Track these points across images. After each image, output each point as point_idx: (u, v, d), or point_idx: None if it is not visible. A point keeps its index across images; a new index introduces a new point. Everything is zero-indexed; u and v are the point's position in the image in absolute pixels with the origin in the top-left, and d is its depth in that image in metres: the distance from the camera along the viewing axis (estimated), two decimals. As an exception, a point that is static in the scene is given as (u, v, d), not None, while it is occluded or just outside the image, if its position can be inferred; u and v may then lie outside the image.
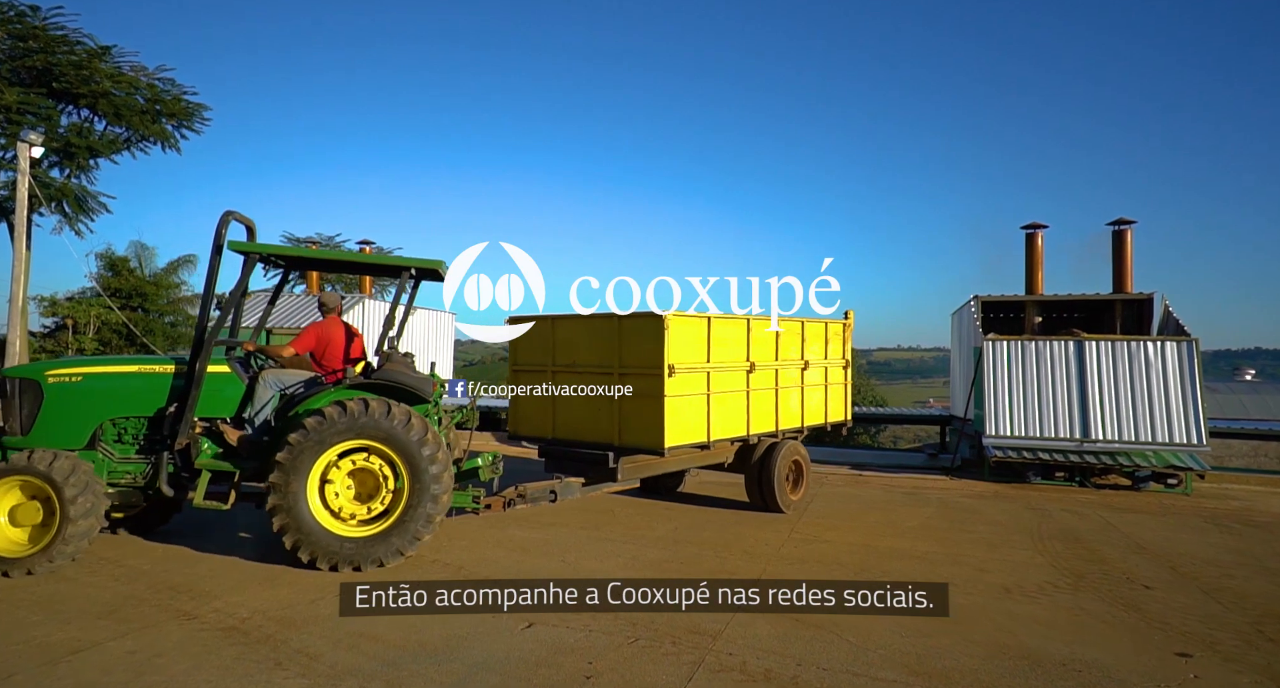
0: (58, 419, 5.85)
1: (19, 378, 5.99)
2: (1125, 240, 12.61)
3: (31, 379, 5.94)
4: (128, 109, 16.67)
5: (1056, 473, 10.89)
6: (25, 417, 5.86)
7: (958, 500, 9.67)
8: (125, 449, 5.99)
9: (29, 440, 5.82)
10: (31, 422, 5.86)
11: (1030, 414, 10.92)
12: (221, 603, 5.05)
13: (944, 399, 58.11)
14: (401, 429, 5.68)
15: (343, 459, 5.75)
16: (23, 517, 5.48)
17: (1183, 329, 11.10)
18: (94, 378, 5.95)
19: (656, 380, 7.07)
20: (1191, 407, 10.52)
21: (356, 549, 5.63)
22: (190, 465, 5.92)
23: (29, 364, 6.50)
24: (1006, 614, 5.10)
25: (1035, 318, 12.90)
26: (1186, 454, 10.48)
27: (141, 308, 22.73)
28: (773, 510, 8.33)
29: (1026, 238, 13.28)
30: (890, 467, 12.60)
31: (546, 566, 5.93)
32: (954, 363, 14.88)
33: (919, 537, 7.48)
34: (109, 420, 5.94)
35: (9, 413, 5.94)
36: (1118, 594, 5.61)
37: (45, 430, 5.84)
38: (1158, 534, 7.88)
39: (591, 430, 7.55)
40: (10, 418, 5.92)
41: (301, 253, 6.69)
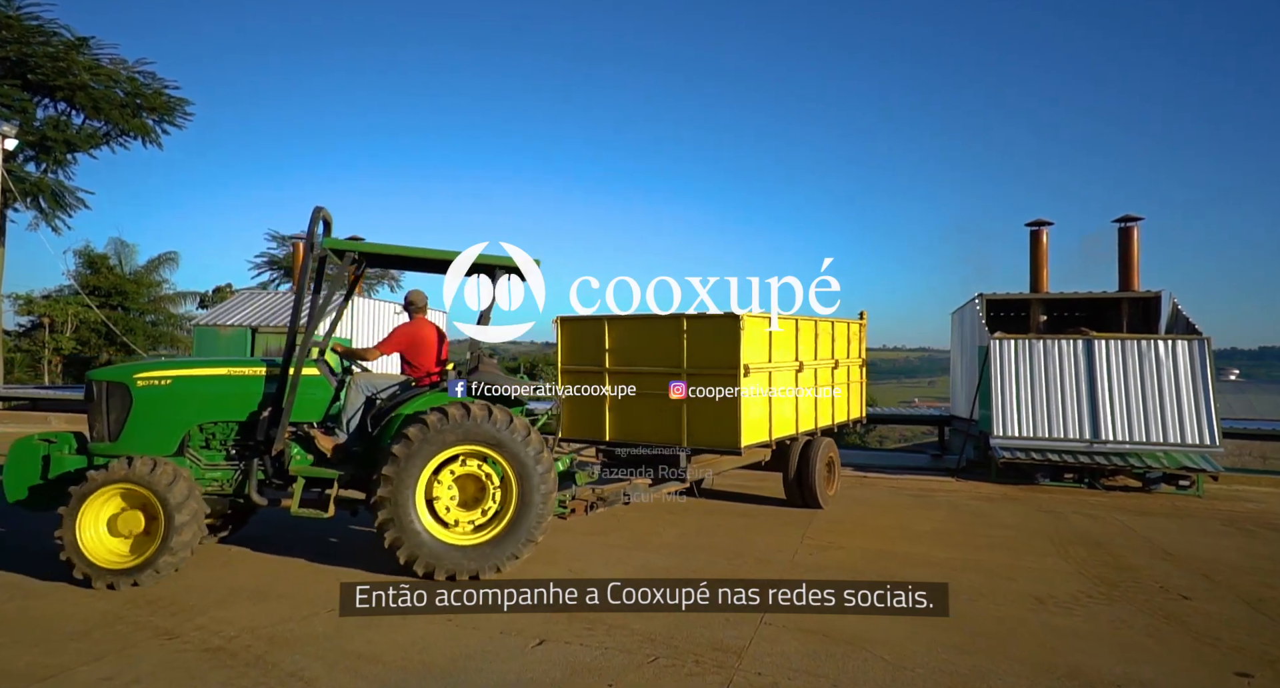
0: (147, 424, 5.60)
1: (106, 381, 5.71)
2: (1132, 237, 12.42)
3: (120, 383, 5.68)
4: (106, 102, 16.19)
5: (1066, 475, 10.65)
6: (113, 422, 5.62)
7: (967, 503, 9.42)
8: (213, 455, 5.77)
9: (118, 447, 5.58)
10: (120, 427, 5.61)
11: (1039, 415, 10.68)
12: (206, 620, 4.67)
13: (928, 399, 58.16)
14: (509, 434, 5.54)
15: (442, 467, 5.56)
16: (124, 526, 5.24)
17: (1193, 328, 10.90)
18: (184, 381, 5.71)
19: (731, 380, 7.27)
20: (1204, 406, 10.31)
21: (472, 557, 5.47)
22: (282, 472, 5.70)
23: (116, 367, 6.17)
24: (1045, 628, 4.81)
25: (1040, 316, 12.68)
26: (1198, 455, 10.27)
27: (122, 306, 22.16)
28: (811, 506, 8.52)
29: (1031, 235, 13.07)
30: (893, 468, 12.35)
31: (553, 574, 5.60)
32: (955, 363, 14.65)
33: (935, 542, 7.21)
34: (197, 425, 5.72)
35: (96, 418, 5.69)
36: (1156, 605, 5.34)
37: (134, 436, 5.58)
38: (1180, 539, 7.64)
39: (654, 432, 7.60)
40: (97, 423, 5.68)
41: (394, 250, 6.06)
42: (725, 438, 7.33)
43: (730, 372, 7.26)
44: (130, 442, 5.58)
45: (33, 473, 5.56)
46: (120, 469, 5.22)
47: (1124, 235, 12.49)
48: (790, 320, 8.21)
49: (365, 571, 5.65)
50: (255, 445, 5.65)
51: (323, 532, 6.82)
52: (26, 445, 5.64)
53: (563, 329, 8.21)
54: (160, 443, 5.60)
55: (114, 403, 5.63)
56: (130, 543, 5.27)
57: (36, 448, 5.62)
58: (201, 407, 5.69)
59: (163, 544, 5.13)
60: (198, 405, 5.68)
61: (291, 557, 6.12)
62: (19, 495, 5.60)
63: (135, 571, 5.12)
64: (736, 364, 7.23)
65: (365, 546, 6.40)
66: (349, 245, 5.76)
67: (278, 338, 15.45)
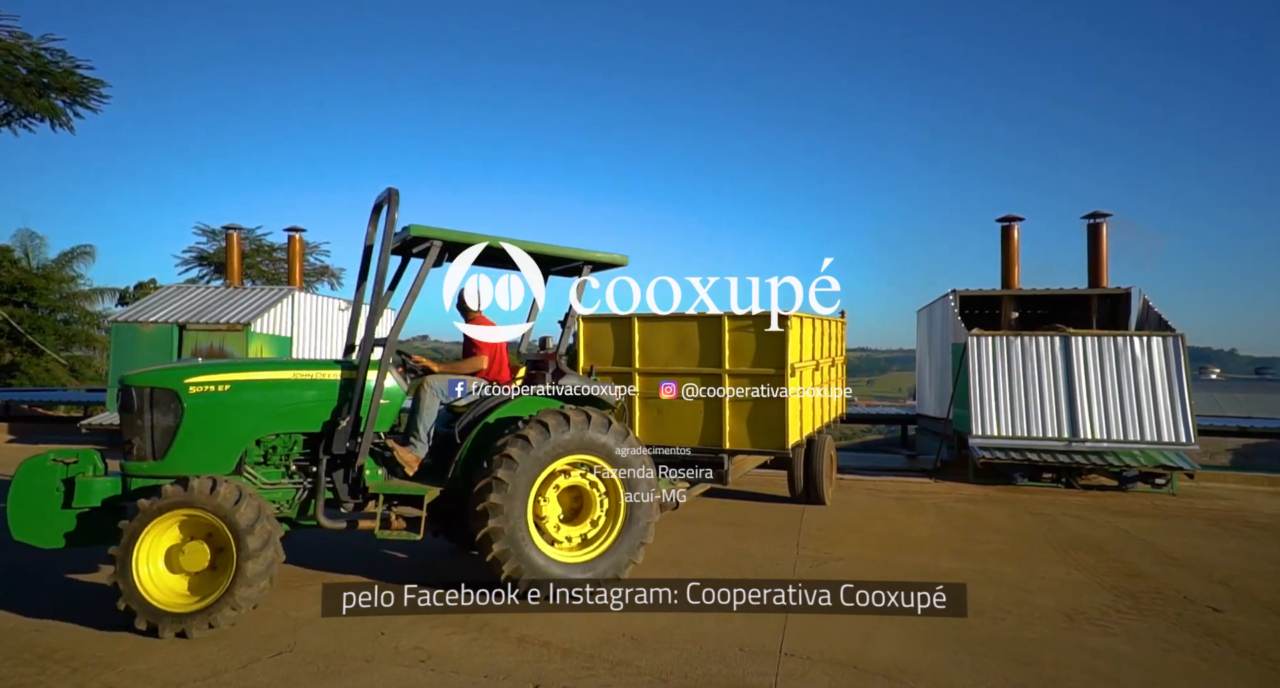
0: (202, 439, 4.69)
1: (150, 387, 4.71)
2: (1101, 234, 12.34)
3: (168, 389, 4.70)
4: (6, 80, 14.74)
5: (1044, 475, 10.44)
6: (158, 436, 4.67)
7: (953, 506, 9.07)
8: (272, 473, 4.93)
9: (164, 466, 4.64)
10: (167, 442, 4.67)
11: (1018, 414, 10.44)
12: (116, 677, 3.85)
13: (867, 398, 58.66)
14: (617, 439, 5.21)
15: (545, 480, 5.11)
16: (186, 562, 4.39)
17: (1166, 324, 10.82)
18: (245, 387, 4.81)
19: (779, 381, 7.31)
20: (1179, 404, 10.21)
21: (581, 573, 5.04)
22: (357, 490, 4.97)
23: (158, 369, 5.01)
24: (1088, 652, 4.36)
25: (1012, 313, 12.52)
26: (1174, 453, 10.15)
27: (28, 303, 20.42)
28: (815, 503, 8.63)
29: (1002, 231, 12.90)
30: (868, 469, 11.99)
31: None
32: (922, 361, 14.44)
33: (935, 550, 6.79)
34: (256, 439, 4.88)
35: (134, 431, 4.70)
36: (1189, 619, 4.98)
37: (185, 453, 4.66)
38: (1176, 541, 7.40)
39: (690, 434, 7.53)
40: (137, 437, 4.69)
41: (485, 240, 5.35)
42: (772, 439, 7.42)
43: (778, 372, 7.33)
44: (179, 460, 4.65)
45: (48, 502, 4.56)
46: (176, 494, 4.33)
47: (1093, 232, 12.41)
48: (809, 320, 8.29)
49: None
50: (328, 460, 4.89)
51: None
52: (39, 468, 4.60)
53: (586, 329, 7.99)
54: (216, 461, 4.71)
55: (160, 414, 4.66)
56: (194, 580, 4.43)
57: (53, 471, 4.59)
58: (266, 416, 4.82)
59: (236, 576, 4.30)
60: (262, 415, 4.81)
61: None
62: (30, 531, 4.56)
63: (208, 611, 4.28)
64: (784, 365, 7.30)
65: (335, 563, 5.62)
66: (438, 234, 5.00)
67: (209, 336, 14.27)
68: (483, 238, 5.17)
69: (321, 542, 6.26)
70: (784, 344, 7.27)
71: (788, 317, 7.22)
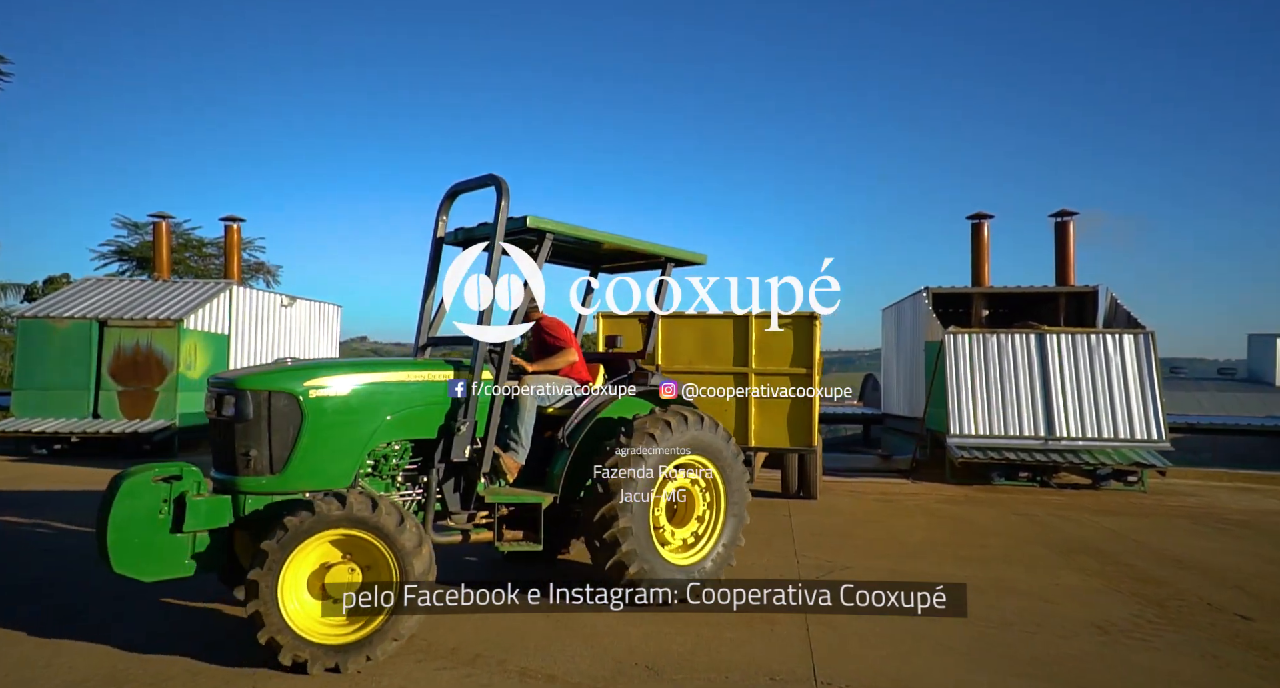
0: (323, 449, 4.16)
1: (268, 391, 4.10)
2: (1068, 232, 12.37)
3: (286, 393, 4.12)
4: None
5: (1021, 474, 10.35)
6: (277, 446, 4.08)
7: (938, 508, 8.86)
8: (377, 484, 4.45)
9: (285, 480, 4.09)
10: (286, 454, 4.09)
11: (995, 412, 10.32)
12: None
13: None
14: (723, 440, 5.20)
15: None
16: (334, 587, 3.86)
17: (1135, 321, 10.85)
18: (367, 391, 4.33)
19: (806, 380, 7.53)
20: (1151, 401, 10.24)
21: (687, 575, 4.86)
22: (469, 501, 4.65)
23: (271, 370, 4.37)
24: (1140, 671, 4.05)
25: (982, 311, 12.45)
26: (1146, 451, 10.18)
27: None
28: (809, 498, 8.84)
29: (972, 228, 12.82)
30: (843, 470, 11.75)
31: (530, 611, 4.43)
32: (889, 360, 14.31)
33: (939, 556, 6.50)
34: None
35: (250, 441, 4.06)
36: (1224, 629, 4.75)
37: (305, 465, 4.12)
38: (1169, 541, 7.31)
39: None
40: (254, 448, 4.06)
41: (592, 235, 5.07)
42: (800, 438, 7.66)
43: (805, 372, 7.51)
44: (299, 472, 4.12)
45: (153, 527, 3.84)
46: (333, 510, 3.80)
47: (1060, 230, 12.43)
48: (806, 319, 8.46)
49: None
50: (443, 468, 4.54)
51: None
52: (143, 487, 3.85)
53: (604, 327, 7.97)
54: (337, 472, 4.21)
55: (279, 421, 4.08)
56: (342, 607, 3.88)
57: (156, 491, 3.88)
58: (385, 422, 4.36)
59: (388, 621, 3.83)
60: (380, 421, 4.33)
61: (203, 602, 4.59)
62: (134, 562, 3.80)
63: (366, 643, 3.79)
64: (812, 364, 7.47)
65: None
66: (554, 227, 4.74)
67: (134, 333, 13.16)
68: (593, 232, 4.98)
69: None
70: (812, 344, 7.40)
71: (816, 316, 7.42)
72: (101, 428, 12.52)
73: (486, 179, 4.69)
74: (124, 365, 13.10)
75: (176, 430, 12.94)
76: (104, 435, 12.46)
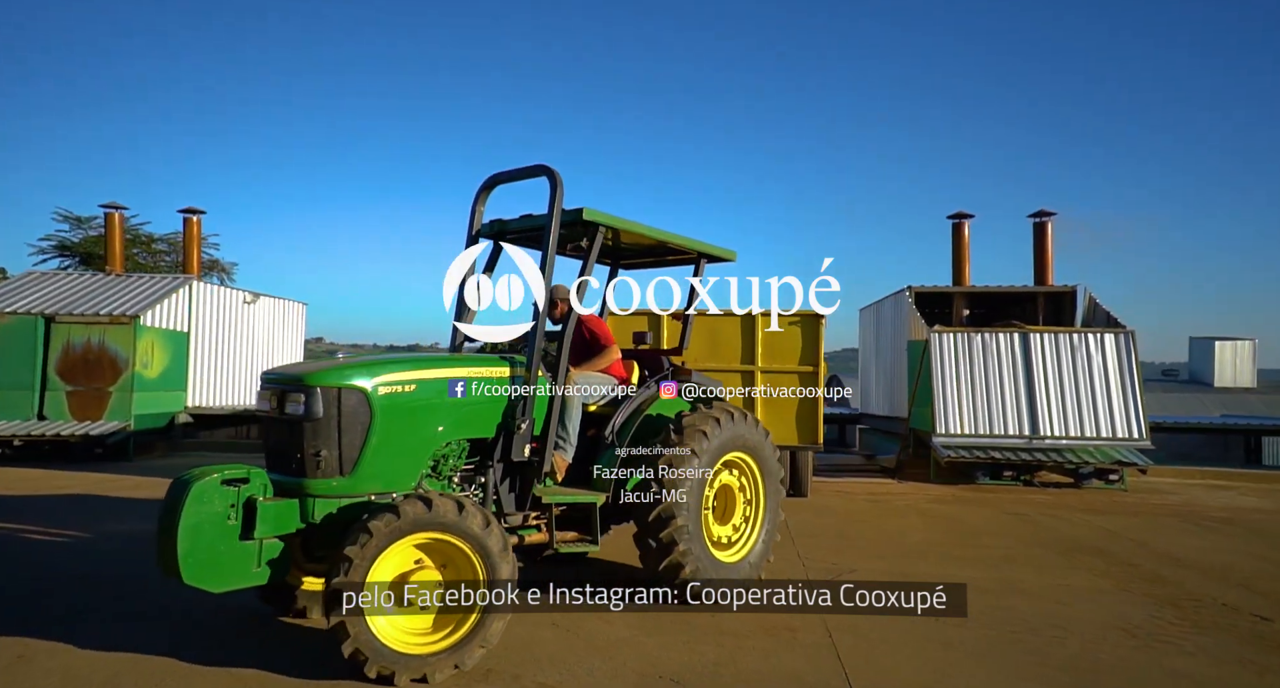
0: (392, 449, 3.98)
1: (339, 388, 3.85)
2: (1046, 232, 12.47)
3: (357, 390, 3.89)
4: None
5: (1005, 473, 10.35)
6: (346, 446, 3.85)
7: (929, 508, 8.77)
8: (436, 484, 4.27)
9: (355, 483, 3.88)
10: (356, 454, 3.87)
11: (980, 411, 10.31)
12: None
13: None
14: (763, 436, 5.21)
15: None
16: (418, 592, 3.65)
17: (1115, 321, 10.94)
18: (428, 387, 4.13)
19: (813, 379, 7.57)
20: (1131, 400, 10.32)
21: (733, 574, 4.89)
22: (523, 502, 4.53)
23: (339, 366, 4.12)
24: (1184, 679, 3.92)
25: (963, 310, 12.47)
26: (1128, 450, 10.25)
27: None
28: (799, 496, 8.78)
29: (953, 228, 12.84)
30: (827, 469, 11.65)
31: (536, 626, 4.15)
32: (866, 360, 14.29)
33: (941, 558, 6.38)
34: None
35: (319, 441, 3.82)
36: (1247, 631, 4.67)
37: (374, 466, 3.92)
38: (1163, 539, 7.32)
39: None
40: (324, 448, 3.82)
41: (641, 229, 4.98)
42: (806, 436, 7.68)
43: (812, 371, 7.57)
44: (368, 474, 3.91)
45: (223, 534, 3.55)
46: (419, 512, 3.58)
47: (1038, 230, 12.52)
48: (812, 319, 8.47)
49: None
50: (500, 468, 4.41)
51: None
52: (212, 491, 3.54)
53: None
54: (404, 473, 4.05)
55: (349, 420, 3.85)
56: (425, 616, 3.69)
57: (225, 495, 3.58)
58: (450, 420, 4.20)
59: (479, 623, 3.65)
60: (445, 419, 4.18)
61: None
62: (205, 572, 3.50)
63: (453, 650, 3.61)
64: (818, 363, 7.50)
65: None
66: (610, 220, 4.62)
67: (85, 330, 12.46)
68: (643, 227, 4.88)
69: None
70: (818, 344, 7.41)
71: (822, 317, 7.43)
72: (49, 430, 11.81)
73: (536, 169, 4.50)
74: (73, 364, 12.39)
75: (132, 433, 12.28)
76: (51, 438, 11.75)
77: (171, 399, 13.41)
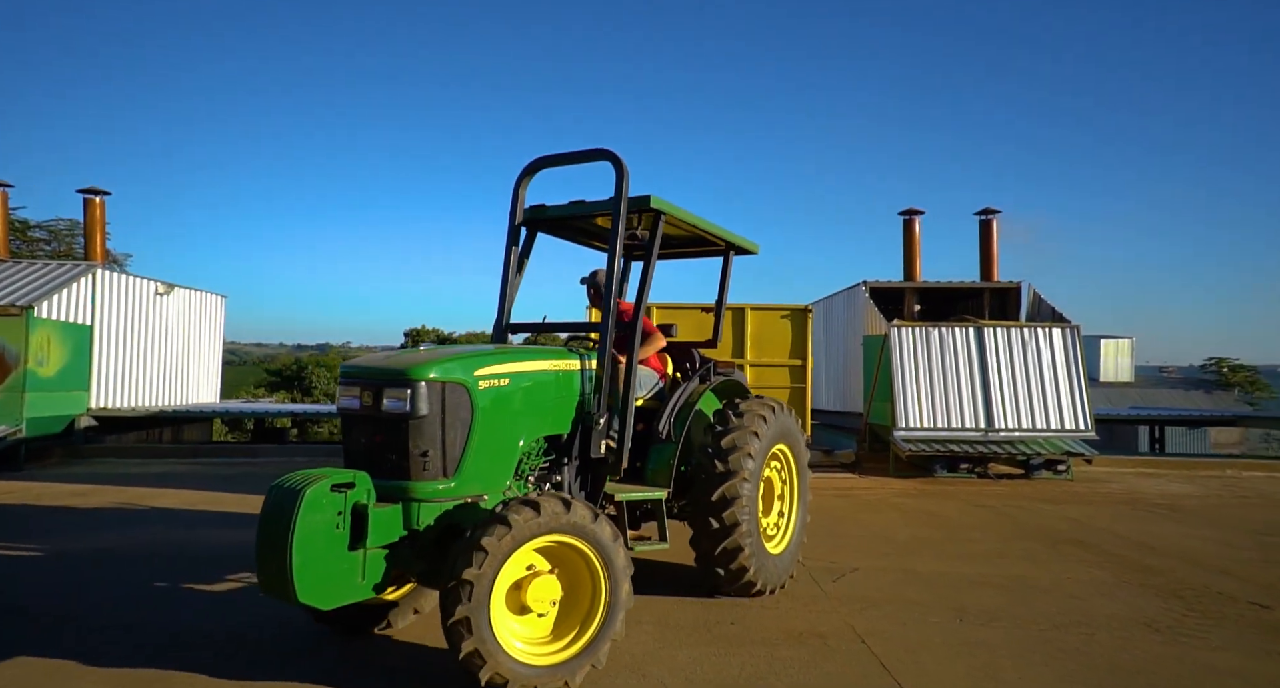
0: (491, 447, 3.69)
1: (443, 383, 3.49)
2: (991, 229, 12.75)
3: (460, 384, 3.55)
4: None
5: (961, 465, 10.50)
6: (451, 445, 3.50)
7: (899, 502, 8.77)
8: (518, 485, 3.97)
9: (459, 485, 3.53)
10: (459, 453, 3.54)
11: (938, 405, 10.41)
12: None
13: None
14: (799, 428, 5.24)
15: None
16: (533, 602, 3.32)
17: (1060, 316, 11.26)
18: (521, 380, 3.85)
19: (800, 374, 7.85)
20: (1078, 392, 10.64)
21: (780, 565, 4.91)
22: (595, 499, 4.26)
23: (433, 357, 3.61)
24: (1228, 676, 3.87)
25: (915, 305, 12.62)
26: (1075, 440, 10.56)
27: None
28: None
29: (904, 224, 12.98)
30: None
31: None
32: (816, 355, 14.29)
33: (937, 554, 6.31)
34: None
35: (423, 440, 3.43)
36: (1252, 620, 4.72)
37: (476, 466, 3.61)
38: (1124, 526, 7.58)
39: None
40: (429, 448, 3.45)
41: (695, 220, 4.75)
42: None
43: (801, 363, 7.77)
44: (470, 475, 3.59)
45: (332, 545, 3.11)
46: (557, 516, 3.27)
47: (984, 227, 12.79)
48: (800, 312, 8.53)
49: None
50: (576, 465, 4.17)
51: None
52: (324, 498, 3.08)
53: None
54: (500, 473, 3.77)
55: (452, 417, 3.51)
56: (544, 623, 3.45)
57: (334, 502, 3.14)
58: (539, 416, 3.96)
59: (607, 621, 3.44)
60: (535, 415, 3.93)
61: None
62: (317, 588, 3.04)
63: (571, 663, 3.35)
64: (805, 357, 7.60)
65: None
66: (677, 211, 4.50)
67: (6, 326, 11.09)
68: (697, 218, 4.73)
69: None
70: (805, 336, 7.38)
71: (808, 310, 7.56)
72: (-74, 435, 10.49)
73: (595, 153, 4.19)
74: (-47, 361, 11.05)
75: (24, 439, 11.04)
76: (-72, 445, 10.44)
77: (71, 400, 12.16)
